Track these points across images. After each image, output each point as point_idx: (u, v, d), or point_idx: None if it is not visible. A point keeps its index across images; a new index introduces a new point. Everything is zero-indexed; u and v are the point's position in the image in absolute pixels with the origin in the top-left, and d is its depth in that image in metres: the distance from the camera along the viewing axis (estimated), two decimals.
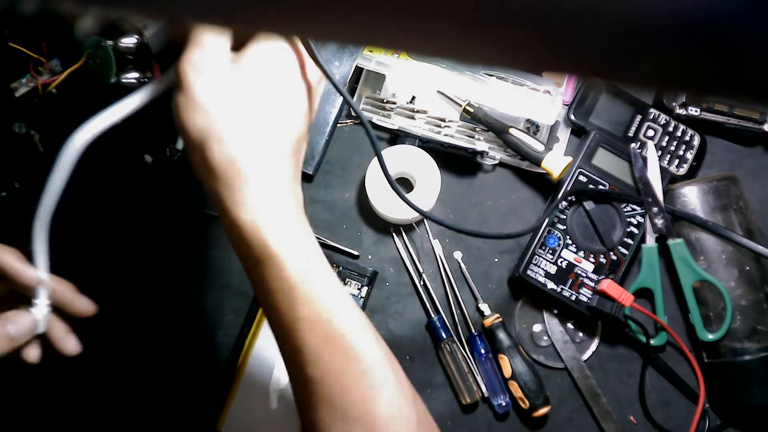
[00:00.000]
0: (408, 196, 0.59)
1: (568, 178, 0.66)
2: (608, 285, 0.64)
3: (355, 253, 0.68)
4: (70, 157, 0.43)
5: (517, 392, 0.65)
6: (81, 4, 0.19)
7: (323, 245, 0.68)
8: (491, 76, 0.68)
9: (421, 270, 0.68)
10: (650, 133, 0.70)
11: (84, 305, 0.50)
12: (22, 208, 0.67)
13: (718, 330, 0.64)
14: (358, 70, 0.70)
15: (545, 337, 0.68)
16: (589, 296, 0.65)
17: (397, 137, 0.70)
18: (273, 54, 0.42)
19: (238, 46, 0.43)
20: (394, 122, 0.69)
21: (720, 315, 0.65)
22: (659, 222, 0.66)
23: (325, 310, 0.41)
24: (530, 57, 0.17)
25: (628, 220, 0.66)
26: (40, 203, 0.44)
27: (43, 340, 0.50)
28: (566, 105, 0.70)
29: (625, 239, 0.66)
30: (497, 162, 0.69)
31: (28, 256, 0.48)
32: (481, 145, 0.69)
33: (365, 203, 0.69)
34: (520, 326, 0.69)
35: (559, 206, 0.66)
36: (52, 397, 0.65)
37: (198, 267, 0.68)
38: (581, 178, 0.66)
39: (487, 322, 0.67)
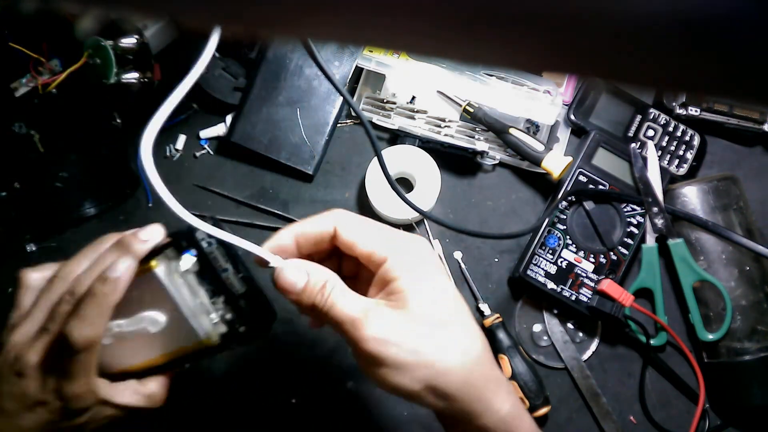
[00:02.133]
0: (408, 196, 0.59)
1: (568, 178, 0.66)
2: (608, 285, 0.64)
3: None
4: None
5: (517, 392, 0.65)
6: (81, 4, 0.19)
7: None
8: (491, 76, 0.68)
9: None
10: (650, 133, 0.70)
11: None
12: (21, 208, 0.67)
13: (718, 330, 0.64)
14: (358, 70, 0.70)
15: (545, 337, 0.68)
16: (589, 296, 0.65)
17: (397, 137, 0.70)
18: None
19: None
20: (394, 122, 0.69)
21: (720, 315, 0.65)
22: (659, 222, 0.66)
23: None
24: (530, 57, 0.17)
25: (628, 220, 0.66)
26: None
27: None
28: (566, 105, 0.70)
29: (625, 239, 0.66)
30: (497, 162, 0.69)
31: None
32: (481, 145, 0.69)
33: (365, 203, 0.69)
34: (520, 326, 0.69)
35: (559, 206, 0.66)
36: None
37: None
38: (581, 178, 0.66)
39: (487, 322, 0.67)
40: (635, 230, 0.66)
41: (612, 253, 0.66)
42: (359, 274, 0.47)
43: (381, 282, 0.42)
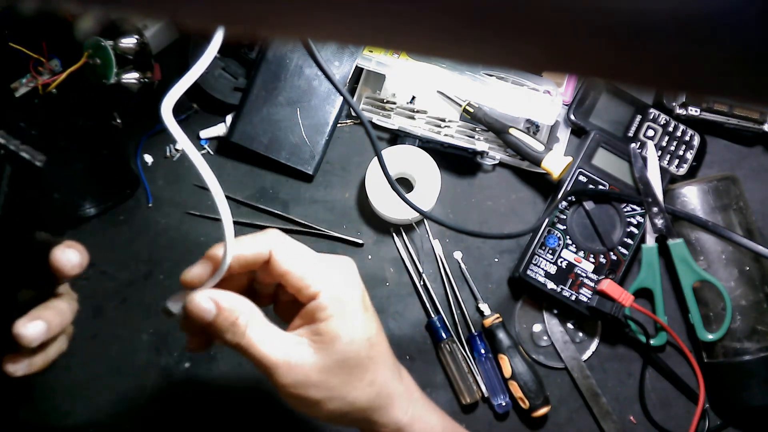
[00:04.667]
0: (408, 196, 0.59)
1: (568, 178, 0.66)
2: (608, 285, 0.64)
3: (360, 241, 0.68)
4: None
5: (517, 392, 0.65)
6: (81, 4, 0.19)
7: (325, 236, 0.68)
8: (491, 76, 0.68)
9: (421, 270, 0.68)
10: (650, 133, 0.70)
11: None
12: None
13: (718, 330, 0.64)
14: (358, 70, 0.70)
15: (545, 337, 0.68)
16: (589, 296, 0.65)
17: (397, 137, 0.70)
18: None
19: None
20: (394, 122, 0.69)
21: (720, 315, 0.65)
22: (659, 222, 0.66)
23: None
24: (530, 57, 0.17)
25: (628, 220, 0.66)
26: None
27: None
28: (566, 105, 0.70)
29: (625, 239, 0.66)
30: (497, 162, 0.69)
31: None
32: (481, 145, 0.69)
33: (365, 203, 0.69)
34: (520, 326, 0.69)
35: (559, 206, 0.66)
36: None
37: None
38: (581, 178, 0.66)
39: (487, 322, 0.67)
40: (635, 230, 0.66)
41: (612, 253, 0.66)
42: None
43: (309, 317, 0.43)
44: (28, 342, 0.39)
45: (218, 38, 0.40)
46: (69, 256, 0.41)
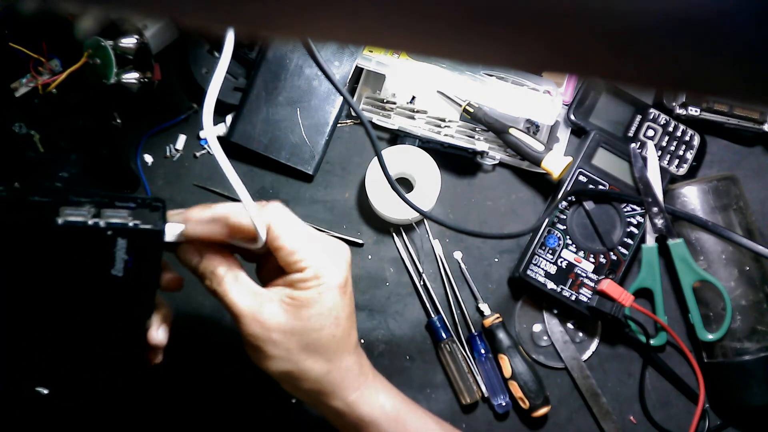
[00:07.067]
0: (408, 196, 0.59)
1: (568, 178, 0.66)
2: (608, 285, 0.64)
3: (360, 241, 0.69)
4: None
5: (517, 392, 0.65)
6: (81, 4, 0.19)
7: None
8: (491, 76, 0.68)
9: (421, 270, 0.68)
10: (650, 133, 0.70)
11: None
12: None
13: (718, 330, 0.64)
14: (358, 70, 0.70)
15: (545, 337, 0.68)
16: (589, 296, 0.65)
17: (397, 137, 0.70)
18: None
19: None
20: (394, 122, 0.69)
21: (720, 315, 0.65)
22: (659, 222, 0.66)
23: None
24: (530, 57, 0.17)
25: (628, 220, 0.67)
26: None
27: None
28: (566, 105, 0.70)
29: (625, 239, 0.66)
30: (497, 162, 0.69)
31: None
32: (481, 145, 0.69)
33: (365, 203, 0.69)
34: (520, 326, 0.69)
35: (559, 206, 0.66)
36: None
37: None
38: (581, 178, 0.66)
39: (487, 322, 0.67)
40: (635, 230, 0.66)
41: (612, 253, 0.66)
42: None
43: (290, 282, 0.46)
44: (164, 344, 0.48)
45: (230, 43, 0.41)
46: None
